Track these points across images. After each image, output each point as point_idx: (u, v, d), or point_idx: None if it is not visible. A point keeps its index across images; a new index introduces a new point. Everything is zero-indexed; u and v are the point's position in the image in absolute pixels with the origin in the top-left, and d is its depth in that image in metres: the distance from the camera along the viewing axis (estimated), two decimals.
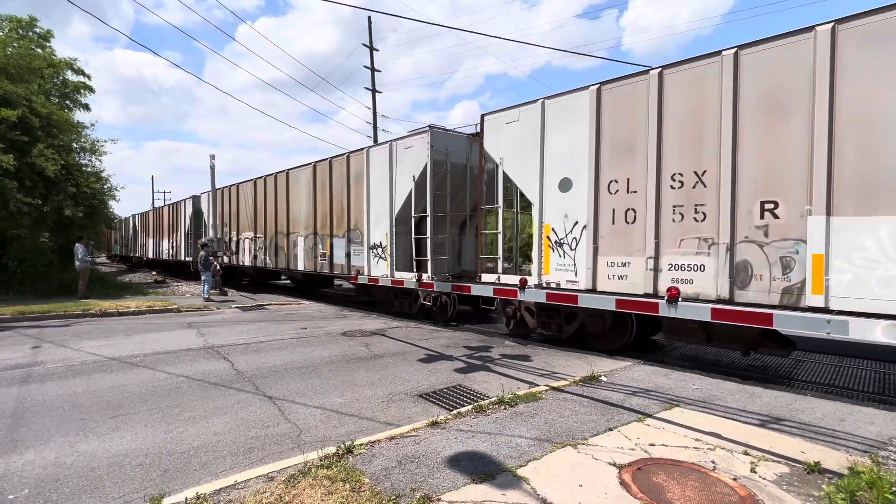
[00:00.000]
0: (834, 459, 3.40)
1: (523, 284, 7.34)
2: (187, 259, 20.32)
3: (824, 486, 2.97)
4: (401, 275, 9.72)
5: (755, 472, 3.20)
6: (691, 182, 5.69)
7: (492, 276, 8.03)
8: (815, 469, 3.20)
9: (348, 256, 11.09)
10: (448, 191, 9.21)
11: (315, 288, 16.91)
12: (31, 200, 12.11)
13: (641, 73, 6.14)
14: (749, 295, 5.24)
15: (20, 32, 15.76)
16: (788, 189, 4.99)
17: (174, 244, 22.57)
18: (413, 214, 9.39)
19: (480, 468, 3.21)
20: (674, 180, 5.83)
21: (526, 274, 7.68)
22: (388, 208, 9.84)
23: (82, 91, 17.82)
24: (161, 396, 4.87)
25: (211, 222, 19.89)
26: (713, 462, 3.34)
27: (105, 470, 3.27)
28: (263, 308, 12.15)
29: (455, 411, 4.36)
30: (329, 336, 8.22)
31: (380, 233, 10.13)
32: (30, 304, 10.84)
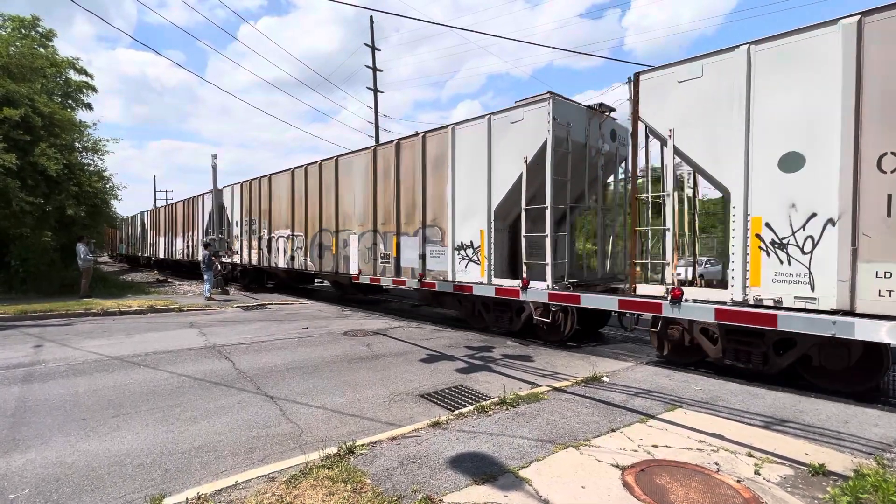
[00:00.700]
0: (838, 461, 3.37)
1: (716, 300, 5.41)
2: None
3: (829, 489, 2.95)
4: (502, 281, 7.70)
5: (759, 474, 3.18)
6: None
7: (655, 288, 6.01)
8: (820, 471, 3.18)
9: (423, 259, 9.08)
10: (569, 176, 7.29)
11: (362, 294, 14.31)
12: (34, 199, 12.12)
13: None
14: None
15: (23, 32, 15.77)
16: None
17: (190, 243, 20.72)
18: (524, 206, 7.34)
19: (482, 469, 3.19)
20: None
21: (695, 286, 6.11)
22: (486, 200, 7.86)
23: (85, 90, 17.82)
24: (162, 396, 4.86)
25: (216, 220, 19.53)
26: (717, 464, 3.32)
27: (106, 469, 3.27)
28: (265, 307, 12.15)
29: (457, 412, 4.35)
30: (331, 336, 8.21)
31: (470, 230, 8.17)
32: (32, 303, 10.85)
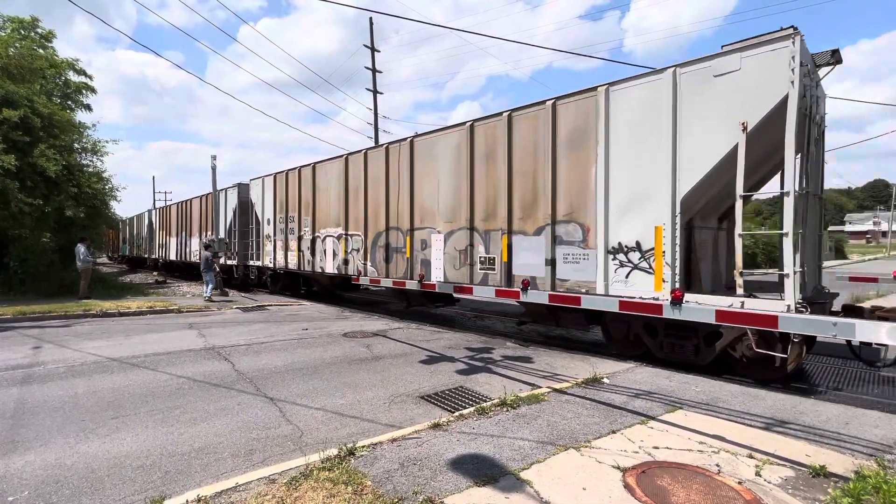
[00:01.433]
0: (839, 463, 3.37)
1: None
2: (230, 262, 16.80)
3: (830, 490, 2.95)
4: (715, 300, 5.44)
5: (760, 476, 3.17)
6: None
7: None
8: (821, 473, 3.18)
9: (552, 264, 6.91)
10: (810, 149, 5.32)
11: (432, 304, 11.45)
12: (33, 201, 12.11)
13: None
14: None
15: (22, 33, 15.78)
16: None
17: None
18: (741, 193, 5.27)
19: (483, 471, 3.19)
20: None
21: None
22: (668, 185, 5.75)
23: (84, 91, 17.84)
24: (162, 397, 4.85)
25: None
26: (718, 465, 3.32)
27: (105, 472, 3.26)
28: (265, 309, 12.13)
29: (457, 413, 4.34)
30: (330, 337, 8.20)
31: (635, 227, 6.08)
32: (31, 305, 10.83)
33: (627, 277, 6.17)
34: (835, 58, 5.77)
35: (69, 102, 17.49)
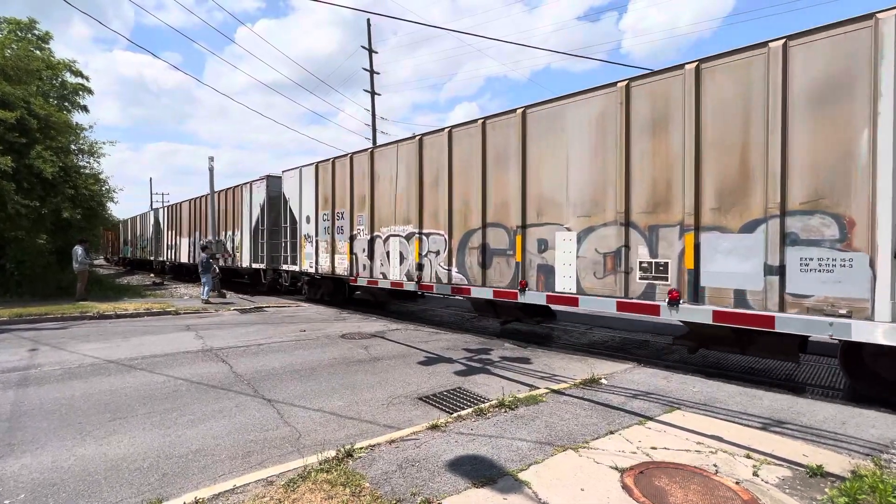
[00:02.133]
0: (836, 463, 3.38)
1: None
2: (256, 265, 14.87)
3: (827, 490, 2.95)
4: None
5: (758, 476, 3.18)
6: None
7: None
8: (818, 472, 3.19)
9: (779, 272, 5.04)
10: None
11: (531, 319, 8.99)
12: (29, 202, 12.08)
13: None
14: None
15: (19, 34, 15.76)
16: None
17: (230, 246, 16.96)
18: None
19: (481, 472, 3.19)
20: None
21: None
22: None
23: (81, 93, 17.82)
24: (159, 399, 4.83)
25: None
26: (715, 466, 3.32)
27: (102, 474, 3.24)
28: (262, 310, 12.11)
29: (455, 414, 4.34)
30: (328, 338, 8.19)
31: None
32: (27, 306, 10.79)
33: None
34: None
35: (66, 104, 17.46)
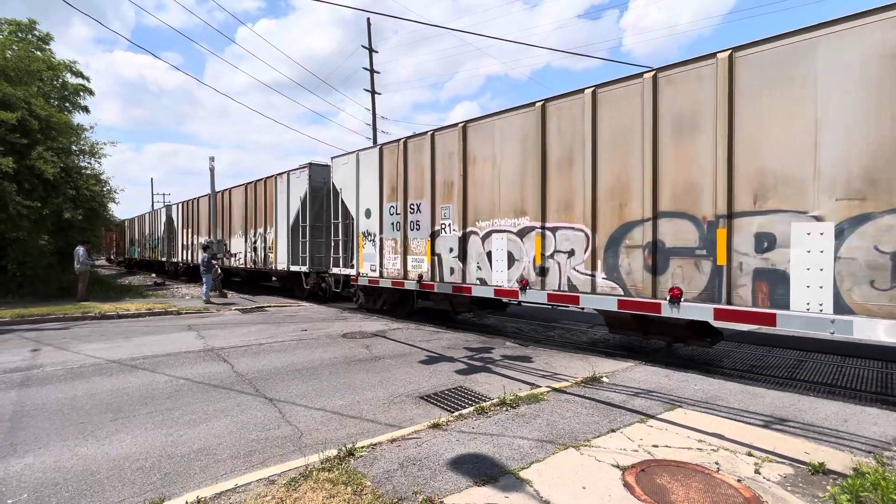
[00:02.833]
0: (838, 460, 3.38)
1: None
2: (296, 268, 12.99)
3: (829, 488, 2.95)
4: None
5: (759, 474, 3.18)
6: None
7: None
8: (820, 470, 3.18)
9: None
10: None
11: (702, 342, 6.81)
12: (31, 203, 12.10)
13: None
14: None
15: (20, 35, 15.77)
16: None
17: (260, 244, 14.63)
18: None
19: (483, 470, 3.19)
20: None
21: None
22: None
23: (81, 93, 17.83)
24: (161, 399, 4.84)
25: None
26: (717, 463, 3.32)
27: (105, 474, 3.25)
28: (263, 310, 12.12)
29: (457, 413, 4.34)
30: (329, 338, 8.20)
31: None
32: (29, 307, 10.81)
33: None
34: None
35: (67, 104, 17.47)
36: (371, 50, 23.70)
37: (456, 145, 8.57)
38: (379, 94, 24.48)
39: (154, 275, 24.78)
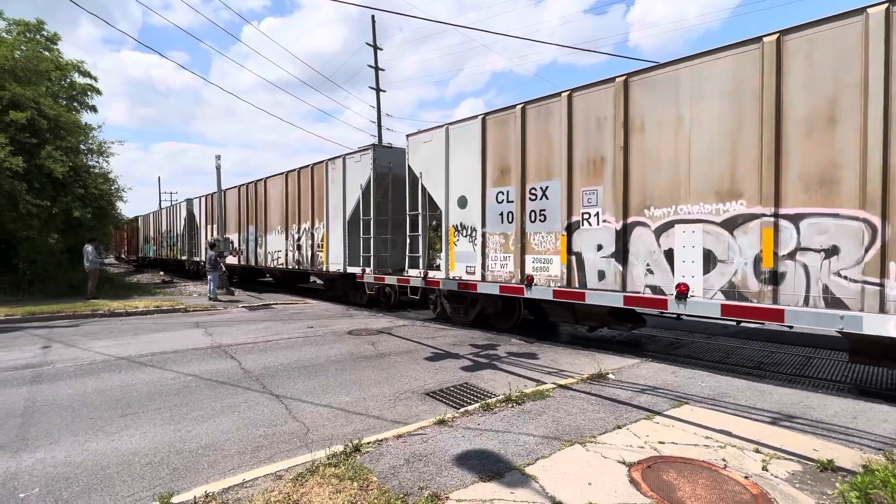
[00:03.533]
0: (847, 457, 3.35)
1: None
2: (355, 269, 10.90)
3: (838, 485, 2.93)
4: None
5: (767, 470, 3.16)
6: None
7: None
8: (829, 467, 3.16)
9: None
10: None
11: None
12: (40, 202, 12.23)
13: None
14: None
15: (28, 36, 15.90)
16: None
17: (306, 243, 12.82)
18: None
19: (489, 466, 3.19)
20: None
21: None
22: None
23: (89, 93, 17.95)
24: (169, 395, 4.89)
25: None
26: (724, 460, 3.30)
27: (115, 468, 3.29)
28: (270, 307, 12.19)
29: (462, 409, 4.35)
30: (335, 335, 8.23)
31: None
32: (39, 305, 10.94)
33: None
34: None
35: (75, 104, 17.60)
36: (376, 47, 23.69)
37: (608, 108, 6.42)
38: (384, 92, 24.50)
39: (162, 273, 24.92)
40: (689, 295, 5.62)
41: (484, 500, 2.76)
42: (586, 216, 6.74)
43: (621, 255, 6.33)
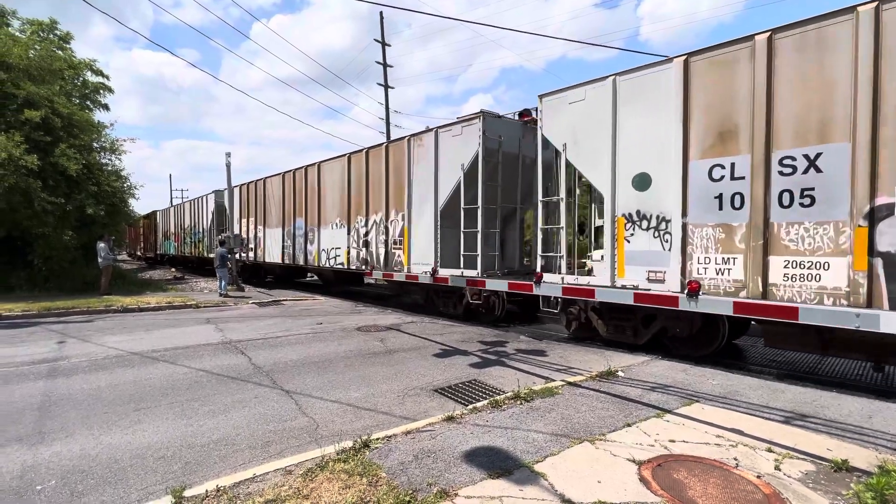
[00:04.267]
0: (862, 457, 3.30)
1: None
2: (449, 271, 8.87)
3: (853, 485, 2.88)
4: None
5: (780, 470, 3.12)
6: None
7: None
8: (843, 467, 3.11)
9: None
10: None
11: None
12: (55, 199, 12.42)
13: None
14: None
15: (41, 35, 16.10)
16: None
17: (376, 238, 10.64)
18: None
19: (497, 463, 3.19)
20: None
21: None
22: None
23: (102, 91, 18.13)
24: (181, 390, 4.95)
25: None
26: (735, 459, 3.27)
27: (128, 462, 3.34)
28: (279, 304, 12.29)
29: (471, 406, 4.35)
30: (344, 331, 8.27)
31: None
32: (55, 301, 11.13)
33: None
34: None
35: (87, 102, 17.80)
36: (384, 44, 23.66)
37: None
38: (392, 88, 24.48)
39: (173, 269, 25.18)
40: None
41: (493, 497, 2.76)
42: None
43: None
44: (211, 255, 19.33)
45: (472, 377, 5.41)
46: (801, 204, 5.00)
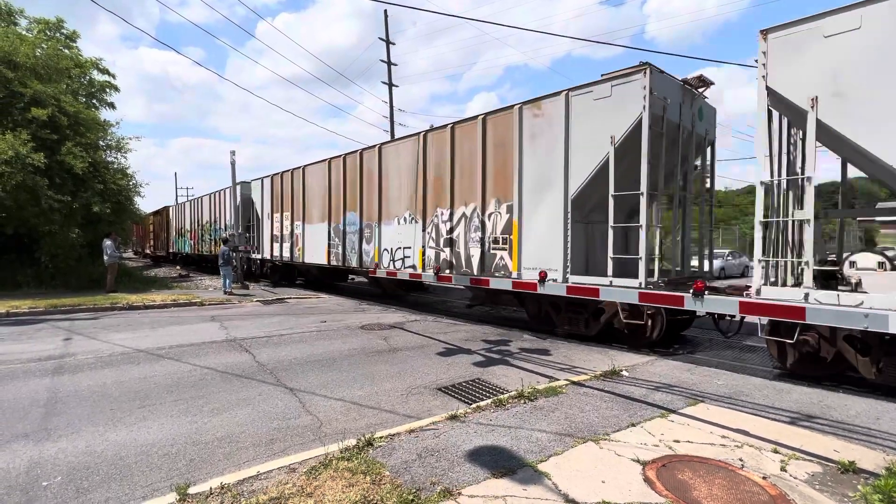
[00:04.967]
0: (869, 459, 3.27)
1: None
2: (581, 280, 6.82)
3: (860, 487, 2.86)
4: None
5: (785, 471, 3.10)
6: None
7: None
8: (850, 469, 3.09)
9: None
10: None
11: None
12: (61, 197, 12.50)
13: None
14: None
15: (48, 34, 16.19)
16: None
17: (467, 236, 8.53)
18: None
19: (501, 462, 3.19)
20: None
21: None
22: None
23: (108, 90, 18.21)
24: (186, 387, 4.97)
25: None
26: (741, 460, 3.25)
27: (133, 459, 3.36)
28: (284, 302, 12.32)
29: (474, 405, 4.34)
30: (348, 329, 8.29)
31: None
32: (61, 298, 11.20)
33: None
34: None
35: (94, 101, 17.89)
36: (388, 42, 23.65)
37: None
38: (396, 87, 24.47)
39: (178, 267, 25.30)
40: None
41: (496, 497, 2.76)
42: None
43: None
44: (256, 256, 17.50)
45: (476, 376, 5.41)
46: None
